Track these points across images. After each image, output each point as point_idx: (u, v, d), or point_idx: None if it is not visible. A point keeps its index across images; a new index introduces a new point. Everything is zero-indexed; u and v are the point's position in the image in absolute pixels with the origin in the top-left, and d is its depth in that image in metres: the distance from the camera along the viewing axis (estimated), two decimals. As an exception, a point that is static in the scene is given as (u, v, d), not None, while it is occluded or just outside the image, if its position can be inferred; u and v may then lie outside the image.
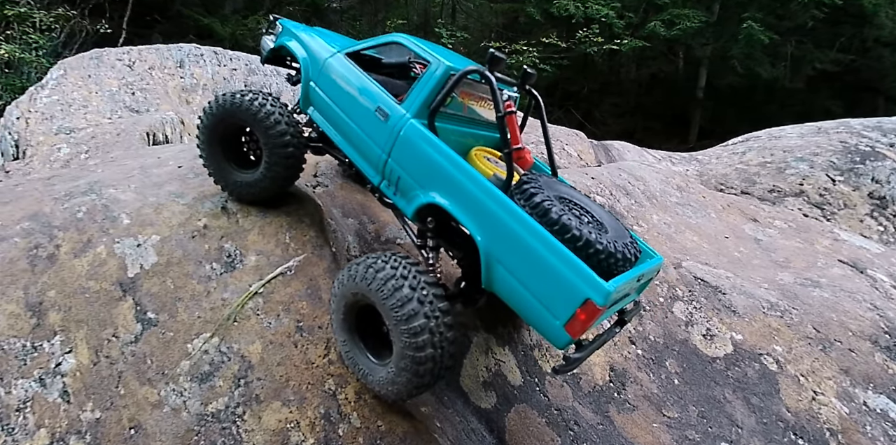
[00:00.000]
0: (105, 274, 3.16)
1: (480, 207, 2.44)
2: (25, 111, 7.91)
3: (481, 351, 3.59)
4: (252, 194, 3.38)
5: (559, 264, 2.22)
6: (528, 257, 2.29)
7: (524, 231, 2.32)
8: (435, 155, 2.60)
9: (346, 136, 3.08)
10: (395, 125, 2.77)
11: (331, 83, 3.15)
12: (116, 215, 3.50)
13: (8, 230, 3.51)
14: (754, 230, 5.78)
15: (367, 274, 2.49)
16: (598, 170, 5.86)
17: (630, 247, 2.51)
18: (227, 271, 3.17)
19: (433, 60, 2.81)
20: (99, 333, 2.96)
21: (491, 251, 2.40)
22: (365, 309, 2.67)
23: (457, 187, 2.51)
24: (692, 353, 4.14)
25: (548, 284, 2.24)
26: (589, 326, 2.21)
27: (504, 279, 2.39)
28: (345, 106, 3.06)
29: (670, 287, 4.45)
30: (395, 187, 2.81)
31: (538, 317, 2.33)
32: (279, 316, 2.98)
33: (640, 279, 2.55)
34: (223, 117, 3.27)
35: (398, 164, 2.76)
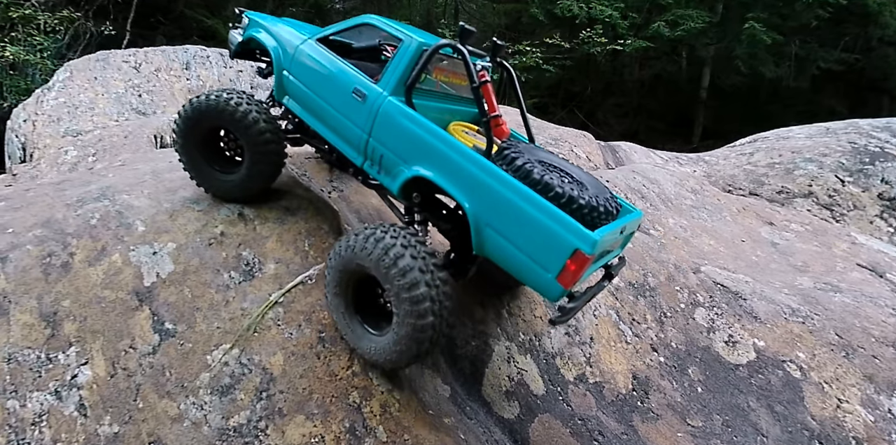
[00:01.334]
0: (121, 283, 3.08)
1: (465, 175, 2.51)
2: (32, 113, 7.84)
3: (503, 359, 3.53)
4: (237, 194, 3.37)
5: (546, 219, 2.31)
6: (515, 217, 2.38)
7: (510, 192, 2.40)
8: (416, 129, 2.66)
9: (325, 121, 3.11)
10: (373, 104, 2.81)
11: (304, 70, 3.16)
12: (131, 222, 3.43)
13: (20, 237, 3.44)
14: (770, 233, 5.71)
15: (368, 244, 2.50)
16: (612, 173, 5.79)
17: (611, 202, 2.62)
18: (246, 280, 3.10)
19: (405, 37, 2.86)
20: (115, 344, 2.88)
21: (479, 216, 2.48)
22: (361, 282, 2.69)
23: (440, 158, 2.58)
24: (715, 360, 4.07)
25: (537, 240, 2.33)
26: (579, 276, 2.29)
27: (494, 241, 2.47)
28: (321, 91, 3.08)
29: (691, 292, 4.38)
30: (379, 166, 2.86)
31: (531, 274, 2.40)
32: (300, 326, 2.90)
33: (623, 231, 2.67)
34: (199, 120, 3.24)
35: (380, 143, 2.80)
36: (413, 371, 3.28)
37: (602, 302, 4.08)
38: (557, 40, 20.25)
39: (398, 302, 2.47)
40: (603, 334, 3.92)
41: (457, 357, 3.52)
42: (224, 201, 3.43)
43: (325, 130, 3.13)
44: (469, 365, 3.49)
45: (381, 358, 2.68)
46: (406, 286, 2.42)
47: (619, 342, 3.94)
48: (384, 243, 2.48)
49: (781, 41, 19.99)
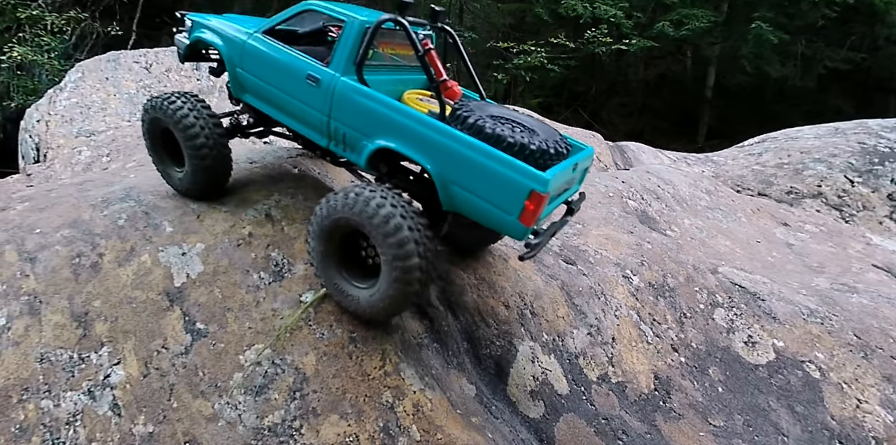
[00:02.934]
0: (151, 284, 3.11)
1: (424, 140, 2.69)
2: (45, 114, 7.87)
3: (527, 359, 3.55)
4: (190, 191, 3.54)
5: (501, 168, 2.50)
6: (474, 171, 2.58)
7: (466, 149, 2.58)
8: (371, 104, 2.81)
9: (286, 110, 3.24)
10: (327, 87, 2.94)
11: (256, 64, 3.28)
12: (158, 222, 3.45)
13: (49, 238, 3.46)
14: (785, 234, 5.72)
15: (351, 199, 2.67)
16: (628, 174, 5.81)
17: (560, 144, 2.81)
18: (276, 280, 3.12)
19: (347, 18, 2.96)
20: (147, 344, 2.91)
21: (443, 175, 2.67)
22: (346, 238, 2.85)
23: (399, 128, 2.75)
24: (735, 361, 4.08)
25: (496, 188, 2.53)
26: (539, 214, 2.49)
27: (460, 196, 2.67)
28: (276, 82, 3.20)
29: (710, 293, 4.40)
30: (343, 144, 3.01)
31: (496, 219, 2.61)
32: (332, 326, 2.93)
33: (575, 168, 2.87)
34: (153, 121, 3.44)
35: (340, 122, 2.95)
36: (439, 371, 3.30)
37: (623, 303, 4.10)
38: (562, 40, 20.24)
39: (385, 249, 2.61)
40: (624, 334, 3.94)
41: (481, 357, 3.54)
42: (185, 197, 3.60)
43: (287, 119, 3.28)
44: (494, 365, 3.52)
45: (370, 308, 2.81)
46: (390, 231, 2.57)
47: (640, 342, 3.95)
48: (365, 196, 2.65)
49: (787, 40, 19.96)
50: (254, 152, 4.45)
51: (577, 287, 4.04)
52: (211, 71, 3.80)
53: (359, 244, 2.91)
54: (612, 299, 4.08)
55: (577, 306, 3.94)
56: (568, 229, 4.66)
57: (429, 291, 2.91)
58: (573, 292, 4.00)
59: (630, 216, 5.04)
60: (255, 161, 4.22)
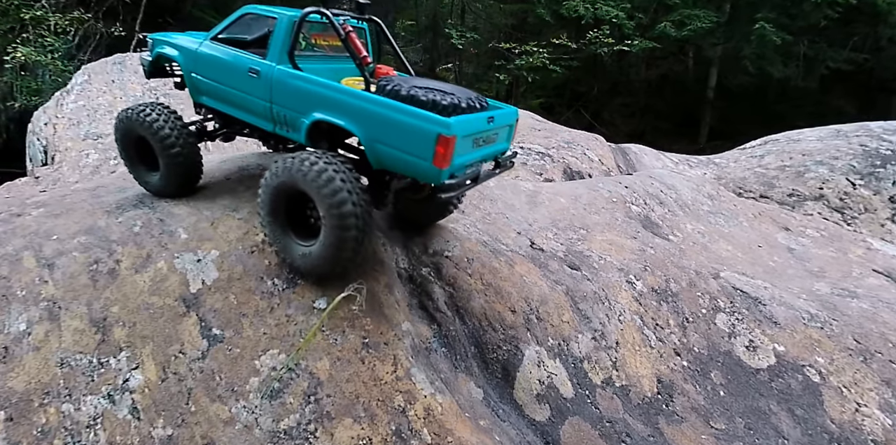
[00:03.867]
0: (167, 290, 3.19)
1: (347, 107, 3.00)
2: (53, 117, 7.95)
3: (533, 363, 3.63)
4: (168, 191, 3.85)
5: (411, 119, 2.79)
6: (391, 127, 2.87)
7: (382, 109, 2.88)
8: (303, 84, 3.16)
9: (236, 104, 3.61)
10: (267, 76, 3.30)
11: (207, 67, 3.67)
12: (173, 229, 3.53)
13: (66, 244, 3.54)
14: (787, 239, 5.79)
15: (294, 164, 2.94)
16: (631, 179, 5.88)
17: (475, 101, 3.10)
18: (290, 287, 3.20)
19: (278, 15, 3.35)
20: (165, 349, 2.99)
21: (368, 136, 2.96)
22: (292, 201, 3.11)
23: (327, 100, 3.07)
24: (736, 364, 4.16)
25: (410, 138, 2.81)
26: (450, 156, 2.73)
27: (384, 152, 2.95)
28: (224, 80, 3.58)
29: (712, 298, 4.47)
30: (286, 125, 3.36)
31: (416, 167, 2.86)
32: (344, 332, 3.00)
33: (492, 120, 3.09)
34: (127, 131, 3.78)
35: (280, 105, 3.30)
36: (448, 375, 3.38)
37: (627, 308, 4.17)
38: (564, 41, 20.28)
39: (325, 210, 2.88)
40: (628, 339, 4.02)
41: (489, 361, 3.62)
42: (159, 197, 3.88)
43: (238, 112, 3.64)
44: (500, 369, 3.59)
45: (310, 265, 3.10)
46: (330, 194, 2.83)
47: (643, 346, 4.03)
48: (310, 161, 2.91)
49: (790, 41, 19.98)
50: (263, 158, 4.52)
51: (581, 292, 4.11)
52: (176, 85, 4.12)
53: (304, 206, 3.16)
54: (616, 304, 4.16)
55: (582, 311, 4.01)
56: (572, 234, 4.74)
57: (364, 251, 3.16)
58: (578, 297, 4.07)
59: (633, 221, 5.11)
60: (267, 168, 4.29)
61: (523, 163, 8.98)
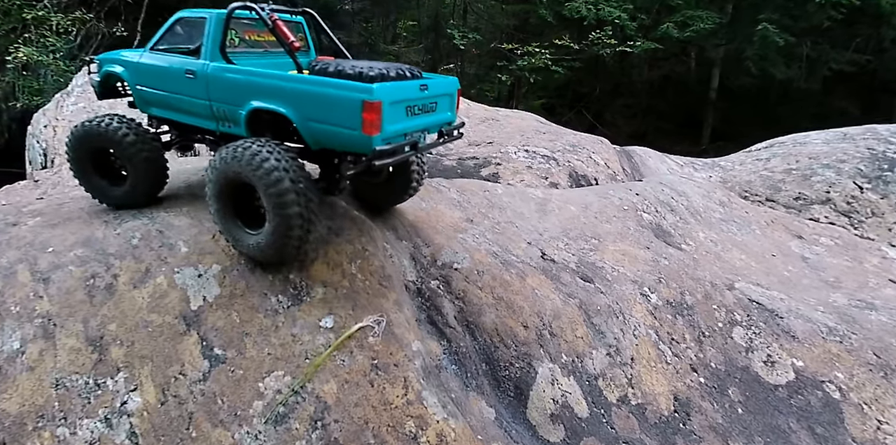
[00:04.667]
0: (167, 307, 3.05)
1: (277, 90, 3.02)
2: (52, 119, 7.80)
3: (547, 381, 3.50)
4: (133, 202, 3.81)
5: (336, 91, 2.82)
6: (318, 102, 2.88)
7: (307, 86, 2.93)
8: (234, 76, 3.21)
9: (181, 109, 3.64)
10: (202, 75, 3.35)
11: (149, 77, 3.71)
12: (173, 242, 3.40)
13: (62, 257, 3.41)
14: (801, 247, 5.66)
15: (238, 153, 2.92)
16: (641, 186, 5.75)
17: (404, 70, 3.14)
18: (295, 304, 3.07)
19: (206, 15, 3.42)
20: (165, 370, 2.86)
21: (301, 116, 2.95)
22: (238, 190, 3.09)
23: (258, 88, 3.10)
24: (754, 380, 4.03)
25: (338, 110, 2.81)
26: (378, 121, 2.72)
27: (318, 129, 2.94)
28: (167, 87, 3.62)
29: (728, 311, 4.34)
30: (227, 120, 3.37)
31: (348, 139, 2.85)
32: (352, 353, 2.87)
33: (425, 89, 3.10)
34: (84, 144, 3.73)
35: (219, 102, 3.33)
36: (458, 395, 3.25)
37: (641, 322, 4.04)
38: (566, 42, 20.15)
39: (267, 199, 2.87)
40: (643, 354, 3.89)
41: (500, 379, 3.49)
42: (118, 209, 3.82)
43: (184, 117, 3.68)
44: (513, 388, 3.46)
45: (259, 252, 3.09)
46: (272, 182, 2.81)
47: (659, 362, 3.90)
48: (252, 150, 2.89)
49: (792, 42, 19.86)
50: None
51: (595, 305, 3.98)
52: (130, 105, 4.09)
53: (250, 195, 3.12)
54: (630, 318, 4.03)
55: (596, 325, 3.88)
56: (584, 244, 4.61)
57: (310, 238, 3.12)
58: (591, 311, 3.94)
59: (646, 230, 4.98)
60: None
61: (528, 167, 8.85)
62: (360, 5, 18.64)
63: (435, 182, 4.87)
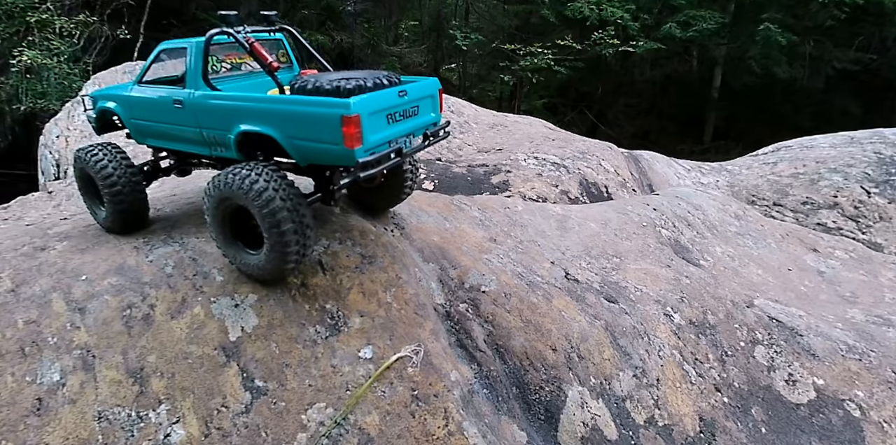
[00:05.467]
0: (206, 338, 3.08)
1: (259, 112, 3.10)
2: (64, 129, 7.80)
3: (577, 404, 3.55)
4: (114, 228, 3.91)
5: (314, 109, 2.87)
6: (299, 120, 2.94)
7: (286, 105, 3.00)
8: (218, 102, 3.28)
9: (174, 137, 3.73)
10: (189, 103, 3.41)
11: (140, 109, 3.80)
12: (208, 271, 3.42)
13: (96, 285, 3.43)
14: (816, 261, 5.72)
15: (229, 178, 3.01)
16: (658, 200, 5.78)
17: (382, 78, 3.18)
18: (333, 334, 3.10)
19: (187, 44, 3.46)
20: (207, 402, 2.89)
21: (285, 135, 3.01)
22: (236, 213, 3.17)
23: (241, 111, 3.17)
24: (776, 400, 4.09)
25: (318, 127, 2.86)
26: (359, 135, 2.77)
27: (304, 147, 3.00)
28: (156, 117, 3.72)
29: (749, 330, 4.39)
30: (219, 145, 3.45)
31: (332, 153, 2.91)
32: (392, 384, 2.91)
33: (404, 94, 3.13)
34: (81, 169, 3.90)
35: (208, 128, 3.40)
36: (491, 419, 3.30)
37: (666, 343, 4.09)
38: (569, 42, 20.11)
39: (261, 219, 2.95)
40: (668, 375, 3.94)
41: (531, 402, 3.54)
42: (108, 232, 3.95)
43: (178, 145, 3.78)
44: (543, 411, 3.51)
45: (260, 271, 3.17)
46: (263, 203, 2.90)
47: (684, 382, 3.96)
48: (241, 174, 2.98)
49: (795, 41, 19.86)
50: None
51: (620, 327, 4.03)
52: (127, 136, 4.17)
53: (246, 216, 3.19)
54: (654, 339, 4.08)
55: (622, 347, 3.93)
56: (605, 263, 4.65)
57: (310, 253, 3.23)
58: (617, 332, 3.99)
59: (665, 247, 5.02)
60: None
61: (538, 174, 8.88)
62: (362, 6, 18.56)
63: (456, 200, 4.90)
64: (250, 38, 3.34)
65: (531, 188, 8.36)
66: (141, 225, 3.95)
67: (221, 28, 3.34)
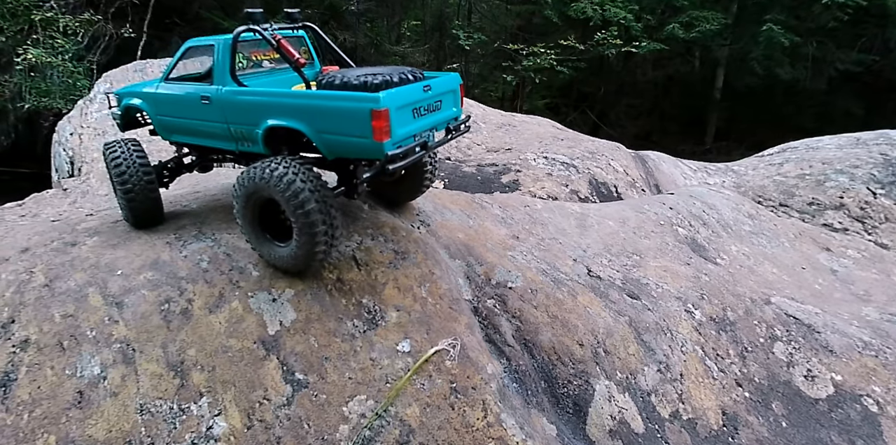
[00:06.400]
0: (245, 332, 3.13)
1: (288, 107, 3.16)
2: (77, 126, 7.81)
3: (604, 398, 3.61)
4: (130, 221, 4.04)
5: (345, 103, 2.93)
6: (329, 115, 3.00)
7: (316, 101, 3.07)
8: (248, 98, 3.34)
9: (201, 133, 3.78)
10: (217, 99, 3.47)
11: (167, 106, 3.87)
12: (243, 266, 3.47)
13: (132, 280, 3.48)
14: (829, 260, 5.79)
15: (265, 174, 3.07)
16: (673, 200, 5.85)
17: (407, 74, 3.24)
18: (370, 328, 3.16)
19: (214, 42, 3.53)
20: (248, 395, 2.94)
21: (314, 130, 3.07)
22: (264, 205, 3.24)
23: (270, 107, 3.23)
24: (796, 395, 4.16)
25: (348, 121, 2.92)
26: (388, 129, 2.85)
27: (331, 140, 3.07)
28: (183, 113, 3.78)
29: (768, 326, 4.46)
30: (246, 140, 3.50)
31: (361, 147, 2.97)
32: (431, 376, 2.97)
33: (428, 89, 3.20)
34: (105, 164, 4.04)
35: (235, 123, 3.46)
36: (522, 412, 3.36)
37: (688, 338, 4.16)
38: (572, 42, 20.17)
39: (291, 211, 3.03)
40: (691, 370, 4.01)
41: (559, 396, 3.60)
42: None
43: (205, 141, 3.84)
44: (572, 405, 3.57)
45: (292, 262, 3.25)
46: (292, 196, 2.97)
47: (706, 377, 4.02)
48: (270, 168, 3.06)
49: (798, 42, 19.96)
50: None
51: (643, 323, 4.10)
52: (151, 132, 4.27)
53: (275, 210, 3.27)
54: (677, 334, 4.15)
55: (646, 343, 4.00)
56: (626, 260, 4.71)
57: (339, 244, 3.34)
58: (641, 328, 4.06)
59: (683, 246, 5.09)
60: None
61: (548, 174, 8.94)
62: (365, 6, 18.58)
63: (478, 197, 4.96)
64: (277, 36, 3.39)
65: (541, 187, 8.42)
66: (154, 222, 4.03)
67: (248, 25, 3.39)
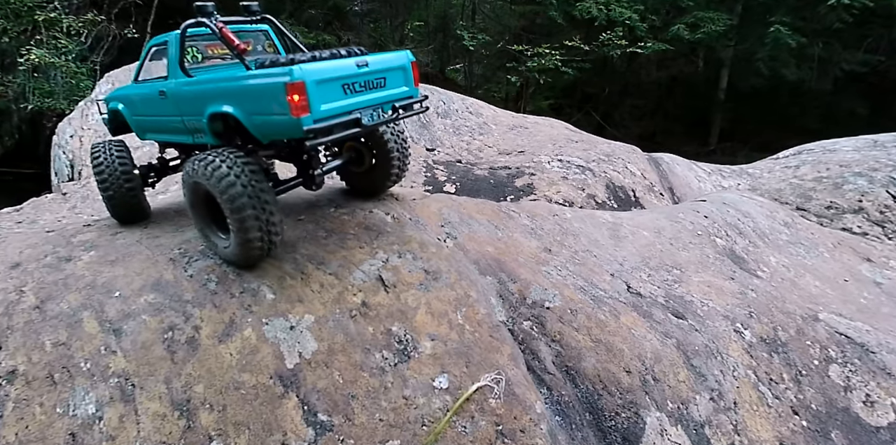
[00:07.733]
0: (260, 365, 2.77)
1: (221, 92, 3.11)
2: (78, 128, 7.43)
3: (656, 432, 3.26)
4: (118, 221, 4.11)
5: (262, 80, 2.85)
6: (252, 94, 2.93)
7: (241, 81, 2.97)
8: (190, 87, 3.34)
9: (164, 129, 3.83)
10: (170, 93, 3.50)
11: (136, 105, 3.95)
12: (256, 287, 3.11)
13: (131, 303, 3.11)
14: (871, 271, 5.46)
15: (197, 165, 3.03)
16: (707, 207, 5.52)
17: (340, 50, 3.18)
18: (402, 361, 2.79)
19: (168, 37, 3.53)
20: (265, 439, 2.58)
21: (243, 112, 3.00)
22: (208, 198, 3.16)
23: (207, 93, 3.21)
24: (855, 423, 3.82)
25: (268, 98, 2.82)
26: (306, 102, 2.73)
27: (259, 122, 2.98)
28: (149, 111, 3.84)
29: (822, 347, 4.13)
30: (198, 131, 3.49)
31: (282, 125, 2.85)
32: (473, 417, 2.61)
33: (364, 65, 3.07)
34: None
35: (187, 115, 3.46)
36: (567, 452, 3.01)
37: (739, 362, 3.82)
38: (577, 42, 19.90)
39: (223, 206, 2.96)
40: (745, 397, 3.67)
41: (605, 430, 3.25)
42: None
43: (167, 136, 3.90)
44: (620, 439, 3.22)
45: (230, 257, 3.20)
46: (224, 189, 2.90)
47: (761, 405, 3.68)
48: (206, 160, 3.01)
49: (804, 43, 19.74)
50: (335, 194, 4.11)
51: (692, 345, 3.75)
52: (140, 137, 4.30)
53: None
54: (728, 358, 3.80)
55: (696, 368, 3.65)
56: (666, 275, 4.37)
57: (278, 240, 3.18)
58: (690, 352, 3.71)
59: (725, 258, 4.75)
60: (341, 206, 3.88)
61: (564, 178, 8.61)
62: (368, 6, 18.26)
63: (504, 206, 4.61)
64: (219, 24, 3.31)
65: (556, 191, 8.09)
66: (139, 220, 4.11)
67: (196, 19, 3.33)
